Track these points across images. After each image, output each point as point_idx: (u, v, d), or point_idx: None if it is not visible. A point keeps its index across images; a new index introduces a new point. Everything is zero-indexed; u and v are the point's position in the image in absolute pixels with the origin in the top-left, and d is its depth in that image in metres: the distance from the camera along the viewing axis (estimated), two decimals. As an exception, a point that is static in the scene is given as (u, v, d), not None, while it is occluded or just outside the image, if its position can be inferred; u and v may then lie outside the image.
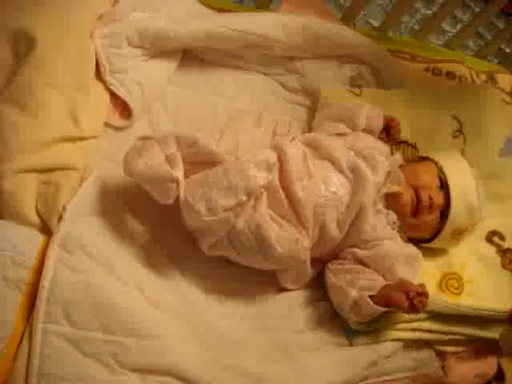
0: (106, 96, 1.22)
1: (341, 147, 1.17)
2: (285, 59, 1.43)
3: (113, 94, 1.23)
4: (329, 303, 1.14)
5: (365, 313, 1.05)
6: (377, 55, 1.48)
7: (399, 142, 1.35)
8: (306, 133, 1.36)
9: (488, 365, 1.19)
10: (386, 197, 1.15)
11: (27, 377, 0.91)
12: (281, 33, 1.35)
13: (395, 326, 1.12)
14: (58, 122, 1.07)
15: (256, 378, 1.03)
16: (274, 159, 1.05)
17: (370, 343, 1.11)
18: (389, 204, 1.15)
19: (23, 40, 1.09)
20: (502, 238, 1.27)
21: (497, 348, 1.18)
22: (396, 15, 1.65)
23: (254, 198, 1.03)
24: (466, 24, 1.75)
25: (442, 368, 1.15)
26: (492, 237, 1.28)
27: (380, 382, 1.11)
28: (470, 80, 1.54)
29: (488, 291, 1.19)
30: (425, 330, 1.14)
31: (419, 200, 1.14)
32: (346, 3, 1.89)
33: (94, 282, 0.98)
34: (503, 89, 1.51)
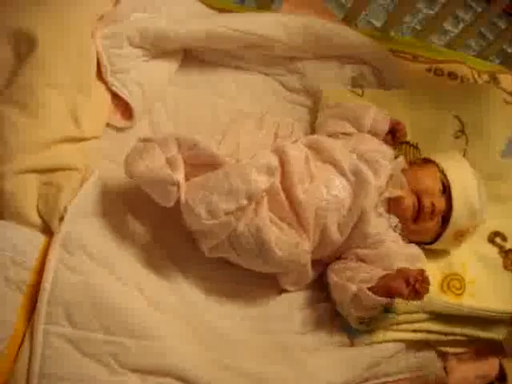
0: (108, 96, 1.22)
1: (343, 150, 1.17)
2: (285, 59, 1.43)
3: (114, 95, 1.23)
4: (329, 304, 1.14)
5: (365, 304, 1.02)
6: (378, 55, 1.47)
7: (401, 143, 1.34)
8: (308, 134, 1.37)
9: (490, 366, 1.19)
10: (388, 201, 1.15)
11: (28, 377, 0.91)
12: (281, 33, 1.35)
13: (396, 327, 1.12)
14: (59, 123, 1.07)
15: (256, 379, 1.03)
16: (276, 163, 1.04)
17: (371, 343, 1.10)
18: (390, 208, 1.15)
19: (24, 40, 1.09)
20: (504, 239, 1.27)
21: (499, 349, 1.18)
22: (398, 15, 1.65)
23: (255, 202, 1.02)
24: (468, 24, 1.75)
25: (444, 369, 1.15)
26: (494, 238, 1.27)
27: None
28: (472, 80, 1.54)
29: (490, 292, 1.18)
30: (426, 331, 1.14)
31: (421, 206, 1.14)
32: (348, 3, 1.89)
33: (95, 283, 0.98)
34: (505, 89, 1.50)
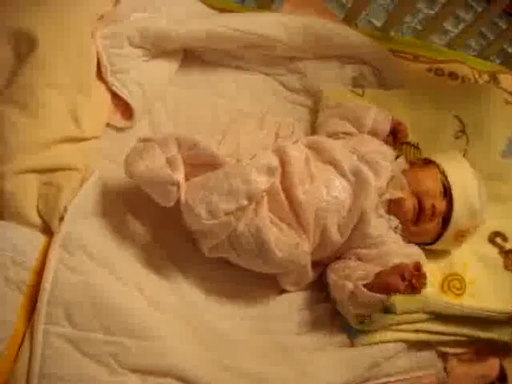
0: (108, 96, 1.22)
1: (344, 151, 1.16)
2: (286, 59, 1.43)
3: (114, 95, 1.23)
4: (329, 304, 1.14)
5: (362, 301, 1.02)
6: (379, 55, 1.47)
7: (401, 143, 1.34)
8: (309, 134, 1.37)
9: (490, 366, 1.19)
10: (389, 202, 1.14)
11: (28, 377, 0.91)
12: (282, 33, 1.35)
13: (397, 327, 1.12)
14: (59, 123, 1.07)
15: (256, 379, 1.03)
16: (276, 163, 1.04)
17: (371, 344, 1.10)
18: (391, 209, 1.15)
19: (24, 40, 1.09)
20: (505, 239, 1.27)
21: (499, 349, 1.18)
22: (398, 15, 1.65)
23: (256, 202, 1.02)
24: (469, 24, 1.75)
25: (444, 369, 1.15)
26: (494, 238, 1.27)
27: (381, 384, 1.11)
28: (473, 80, 1.54)
29: (490, 292, 1.18)
30: (427, 331, 1.13)
31: (422, 208, 1.13)
32: (348, 3, 1.89)
33: (95, 283, 0.98)
34: (506, 89, 1.50)
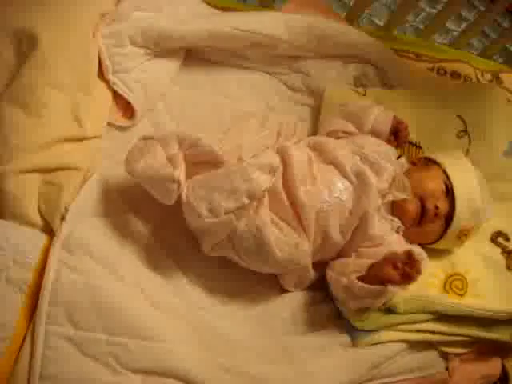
0: (109, 96, 1.22)
1: (346, 151, 1.16)
2: (289, 59, 1.43)
3: (116, 94, 1.22)
4: (331, 304, 1.14)
5: (357, 294, 1.02)
6: (381, 55, 1.47)
7: (403, 142, 1.34)
8: (311, 133, 1.36)
9: (492, 366, 1.19)
10: (391, 203, 1.14)
11: (29, 378, 0.91)
12: (285, 32, 1.35)
13: (399, 327, 1.11)
14: (60, 122, 1.07)
15: (257, 379, 1.02)
16: (278, 163, 1.04)
17: (374, 344, 1.10)
18: (393, 211, 1.14)
19: (25, 40, 1.08)
20: (507, 239, 1.27)
21: (501, 349, 1.17)
22: (401, 14, 1.64)
23: (256, 201, 1.02)
24: (471, 23, 1.74)
25: (447, 369, 1.15)
26: (497, 238, 1.27)
27: (383, 385, 1.11)
28: (475, 79, 1.54)
29: (492, 292, 1.18)
30: (429, 331, 1.13)
31: (425, 209, 1.13)
32: (351, 2, 1.88)
33: (95, 282, 0.97)
34: (508, 88, 1.50)
